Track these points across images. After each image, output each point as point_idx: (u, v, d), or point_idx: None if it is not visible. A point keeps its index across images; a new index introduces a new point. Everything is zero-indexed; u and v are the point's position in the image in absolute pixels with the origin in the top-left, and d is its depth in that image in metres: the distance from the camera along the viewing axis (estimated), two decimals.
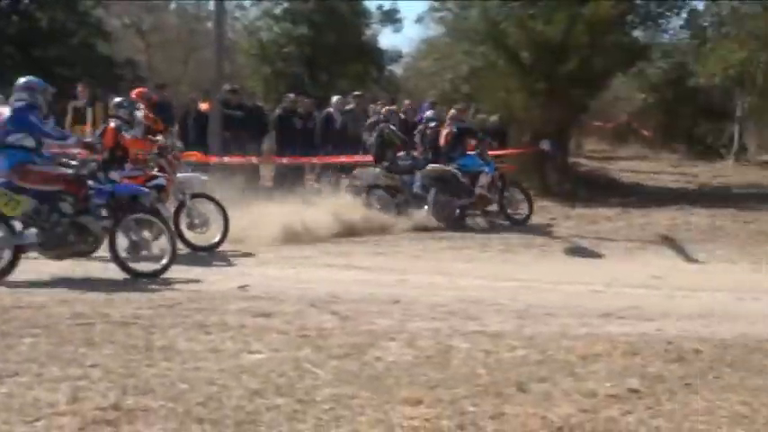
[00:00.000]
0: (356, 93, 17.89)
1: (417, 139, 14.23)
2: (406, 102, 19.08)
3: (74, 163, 9.13)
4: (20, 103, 8.84)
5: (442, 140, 13.97)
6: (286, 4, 28.73)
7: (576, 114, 19.59)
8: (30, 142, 8.76)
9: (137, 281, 8.77)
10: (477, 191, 13.62)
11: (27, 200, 8.68)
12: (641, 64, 22.89)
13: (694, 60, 23.45)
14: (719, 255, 11.64)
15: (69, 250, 8.97)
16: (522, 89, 18.02)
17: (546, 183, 17.21)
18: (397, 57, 31.64)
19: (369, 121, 15.36)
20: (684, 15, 22.49)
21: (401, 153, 13.95)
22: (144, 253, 9.35)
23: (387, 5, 31.07)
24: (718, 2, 22.84)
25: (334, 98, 16.94)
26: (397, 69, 32.56)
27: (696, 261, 11.31)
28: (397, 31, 31.44)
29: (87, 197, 8.94)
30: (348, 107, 16.75)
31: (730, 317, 7.56)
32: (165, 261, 9.07)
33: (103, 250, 9.07)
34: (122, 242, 9.15)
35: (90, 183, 9.01)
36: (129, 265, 9.00)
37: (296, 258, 10.58)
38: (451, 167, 13.67)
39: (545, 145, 16.27)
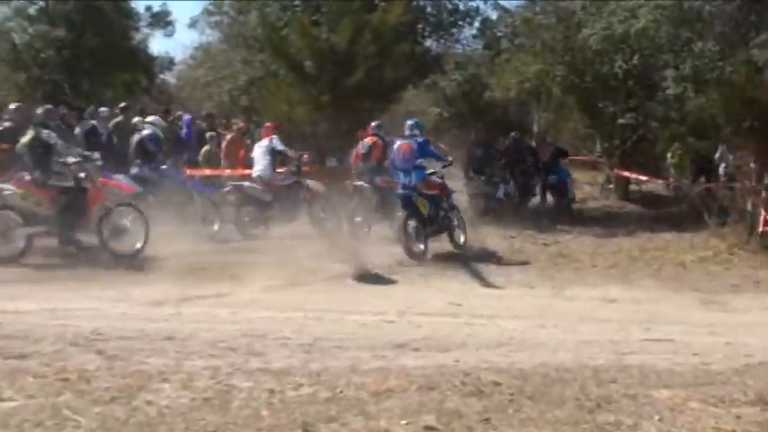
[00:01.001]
0: (123, 104, 17.46)
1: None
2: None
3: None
4: (420, 138, 13.99)
5: None
6: (41, 4, 27.44)
7: (364, 129, 19.93)
8: (428, 164, 13.83)
9: None
10: None
11: (426, 202, 13.47)
12: (434, 76, 23.70)
13: (489, 73, 24.44)
14: (519, 279, 12.14)
15: (439, 234, 13.80)
16: (306, 101, 18.21)
17: None
18: (169, 64, 31.14)
19: None
20: (477, 25, 23.51)
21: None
22: None
23: (157, 7, 30.41)
24: (511, 12, 24.03)
25: (101, 109, 16.43)
26: (169, 78, 32.05)
27: (494, 286, 11.72)
28: (169, 35, 30.73)
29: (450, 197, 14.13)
30: (115, 120, 16.31)
31: (530, 345, 7.85)
32: None
33: None
34: None
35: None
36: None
37: (55, 290, 10.13)
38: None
39: (331, 162, 16.45)
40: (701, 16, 18.39)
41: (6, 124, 14.56)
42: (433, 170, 13.98)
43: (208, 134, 18.35)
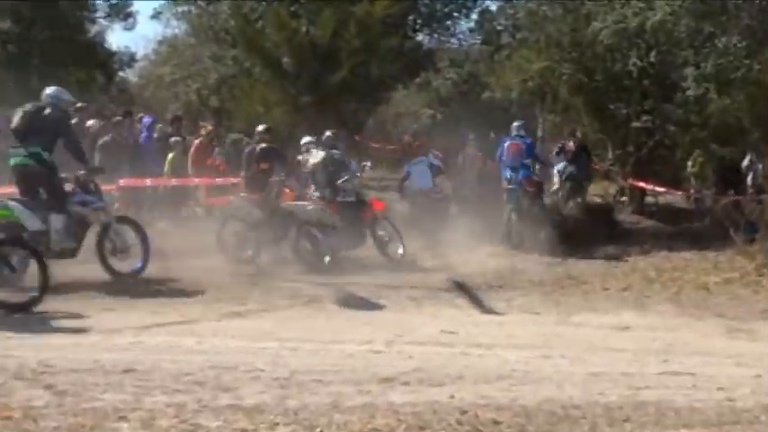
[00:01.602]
0: (78, 104, 17.40)
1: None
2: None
3: None
4: (528, 140, 17.83)
5: None
6: None
7: (349, 133, 19.97)
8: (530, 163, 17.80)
9: None
10: None
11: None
12: (427, 74, 23.76)
13: (488, 71, 24.47)
14: (521, 304, 12.15)
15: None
16: (284, 102, 18.24)
17: None
18: (129, 60, 31.03)
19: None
20: (475, 17, 23.60)
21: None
22: None
23: None
24: (513, 2, 24.09)
25: None
26: (130, 76, 32.00)
27: (494, 312, 11.72)
28: (130, 28, 30.55)
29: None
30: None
31: (534, 379, 7.84)
32: None
33: None
34: None
35: None
36: None
37: None
38: None
39: None
40: (725, 8, 18.50)
41: (262, 145, 15.13)
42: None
43: (172, 139, 18.34)
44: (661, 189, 20.78)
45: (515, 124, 17.70)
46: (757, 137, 18.63)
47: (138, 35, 74.73)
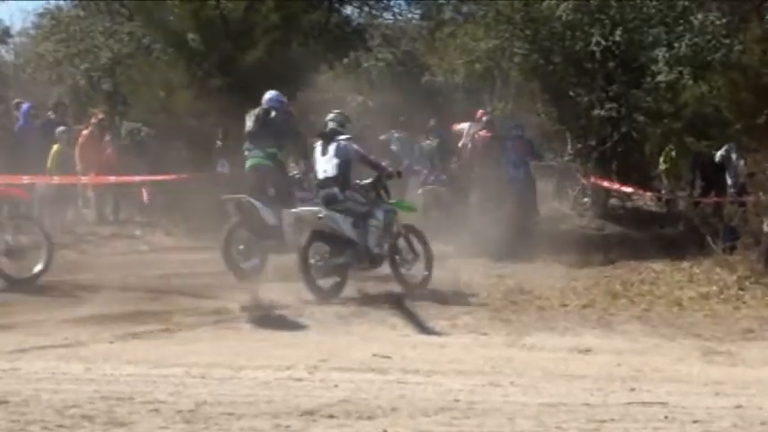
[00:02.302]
0: None
1: None
2: None
3: None
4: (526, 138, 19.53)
5: None
6: None
7: None
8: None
9: None
10: None
11: None
12: (357, 54, 23.71)
13: (428, 50, 24.50)
14: (466, 323, 12.18)
15: None
16: (190, 86, 18.10)
17: None
18: (3, 35, 30.67)
19: None
20: None
21: None
22: None
23: None
24: None
25: None
26: (4, 53, 31.65)
27: (434, 332, 11.76)
28: None
29: None
30: None
31: (480, 410, 7.84)
32: None
33: None
34: None
35: None
36: None
37: None
38: None
39: (223, 167, 16.39)
40: None
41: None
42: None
43: (58, 129, 18.15)
44: (628, 189, 20.90)
45: (513, 124, 18.93)
46: (739, 129, 18.65)
47: (13, 6, 74.07)
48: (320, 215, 13.62)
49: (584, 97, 20.78)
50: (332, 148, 14.15)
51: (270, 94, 15.28)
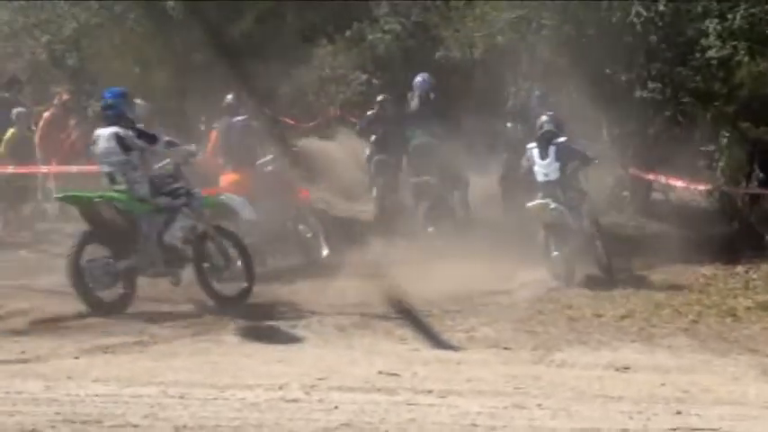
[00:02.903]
0: None
1: None
2: None
3: None
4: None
5: None
6: None
7: (259, 105, 19.88)
8: None
9: None
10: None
11: None
12: (360, 25, 23.68)
13: (443, 22, 24.45)
14: (486, 336, 12.19)
15: None
16: (169, 61, 18.09)
17: None
18: None
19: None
20: None
21: None
22: None
23: None
24: None
25: None
26: None
27: (449, 346, 11.74)
28: None
29: None
30: None
31: None
32: None
33: None
34: None
35: None
36: None
37: None
38: None
39: None
40: None
41: None
42: None
43: (15, 111, 18.13)
44: (677, 182, 20.82)
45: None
46: None
47: None
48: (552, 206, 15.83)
49: (623, 76, 20.72)
50: (552, 151, 16.24)
51: (424, 77, 19.42)
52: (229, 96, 17.38)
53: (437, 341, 11.96)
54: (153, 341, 11.41)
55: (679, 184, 20.82)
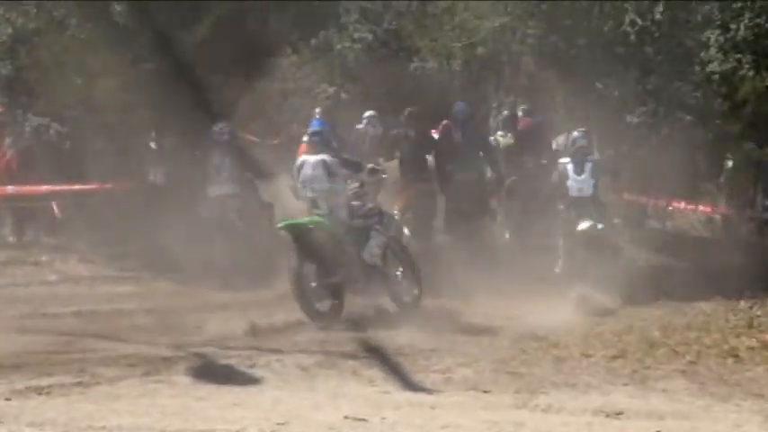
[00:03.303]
0: None
1: None
2: None
3: None
4: None
5: None
6: None
7: (213, 119, 19.86)
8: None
9: None
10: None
11: None
12: (328, 33, 23.71)
13: (418, 30, 24.53)
14: (464, 377, 12.20)
15: None
16: (116, 71, 18.08)
17: None
18: None
19: None
20: None
21: None
22: None
23: None
24: None
25: None
26: None
27: (423, 389, 11.74)
28: None
29: None
30: None
31: None
32: None
33: None
34: None
35: None
36: None
37: None
38: None
39: (157, 176, 16.42)
40: None
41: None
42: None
43: None
44: (670, 207, 20.87)
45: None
46: None
47: None
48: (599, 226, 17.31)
49: (615, 91, 20.78)
50: (588, 167, 17.69)
51: (462, 107, 20.45)
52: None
53: (409, 383, 11.95)
54: (95, 382, 11.36)
55: (678, 207, 20.90)
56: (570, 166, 17.78)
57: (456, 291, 16.56)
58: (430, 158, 20.82)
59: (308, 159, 16.09)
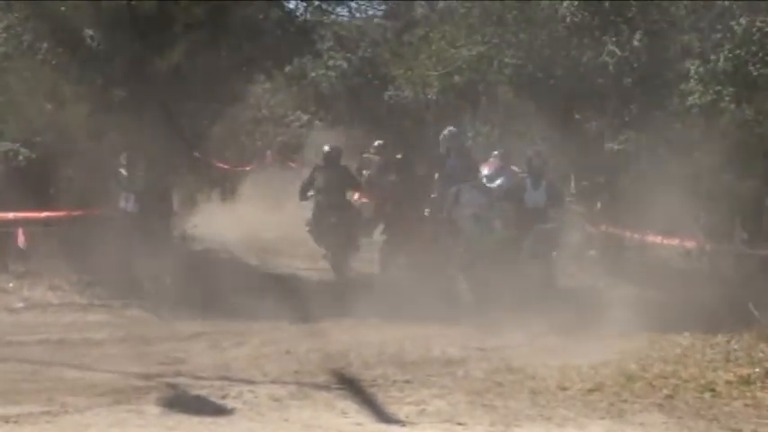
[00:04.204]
0: None
1: None
2: None
3: None
4: None
5: None
6: None
7: (186, 148, 19.90)
8: None
9: None
10: None
11: None
12: (303, 60, 23.75)
13: (394, 58, 24.58)
14: (438, 409, 12.24)
15: None
16: (86, 97, 18.07)
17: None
18: None
19: None
20: None
21: None
22: None
23: None
24: None
25: None
26: None
27: (397, 420, 11.78)
28: None
29: None
30: None
31: None
32: None
33: None
34: None
35: None
36: None
37: None
38: None
39: (128, 202, 16.48)
40: None
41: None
42: None
43: None
44: (648, 239, 20.91)
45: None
46: None
47: None
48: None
49: (593, 122, 20.86)
50: (543, 184, 18.78)
51: (454, 131, 20.21)
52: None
53: (383, 414, 11.95)
54: (63, 410, 11.33)
55: (655, 239, 20.94)
56: (529, 180, 18.84)
57: (429, 320, 16.57)
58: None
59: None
